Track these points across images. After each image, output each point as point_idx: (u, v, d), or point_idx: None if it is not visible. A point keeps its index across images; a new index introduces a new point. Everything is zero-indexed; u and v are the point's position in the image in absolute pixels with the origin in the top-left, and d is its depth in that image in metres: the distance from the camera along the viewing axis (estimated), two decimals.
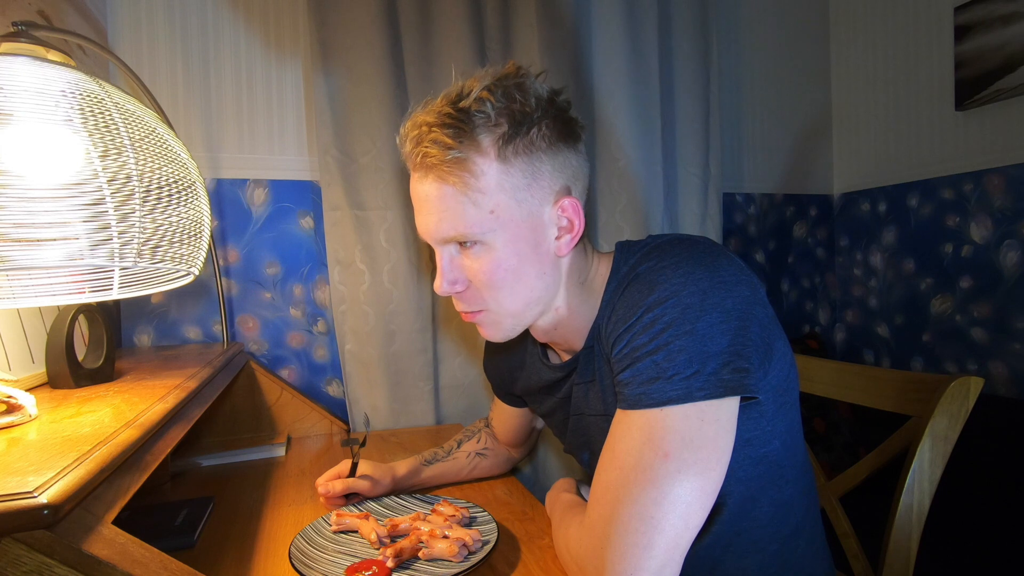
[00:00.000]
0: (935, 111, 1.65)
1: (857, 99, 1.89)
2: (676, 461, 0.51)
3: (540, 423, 1.01)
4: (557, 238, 0.63)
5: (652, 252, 0.60)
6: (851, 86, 1.90)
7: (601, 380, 0.67)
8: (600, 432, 0.64)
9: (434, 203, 0.62)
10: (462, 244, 0.63)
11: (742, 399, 0.56)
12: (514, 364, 0.86)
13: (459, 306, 0.67)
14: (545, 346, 0.79)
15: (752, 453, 0.63)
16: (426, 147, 0.59)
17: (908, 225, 1.75)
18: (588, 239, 0.70)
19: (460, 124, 0.59)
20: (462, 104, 0.60)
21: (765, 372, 0.58)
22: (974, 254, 1.58)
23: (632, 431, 0.54)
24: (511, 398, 0.94)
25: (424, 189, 0.62)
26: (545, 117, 0.61)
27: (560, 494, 0.76)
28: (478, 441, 1.01)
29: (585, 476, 0.84)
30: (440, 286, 0.64)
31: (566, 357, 0.75)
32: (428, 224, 0.63)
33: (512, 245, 0.61)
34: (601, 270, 0.68)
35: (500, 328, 0.67)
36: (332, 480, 0.88)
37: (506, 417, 0.98)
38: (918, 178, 1.71)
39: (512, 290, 0.63)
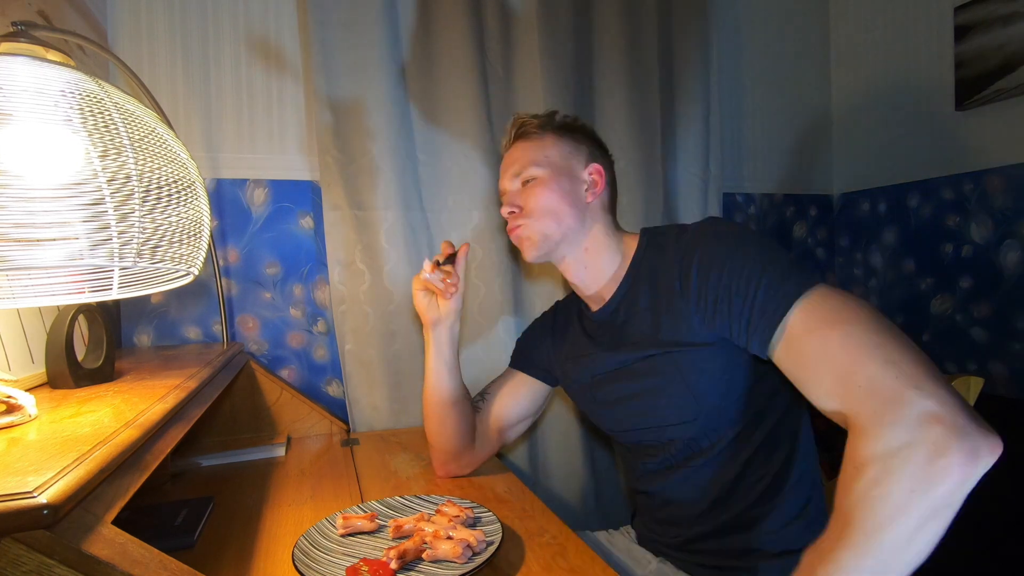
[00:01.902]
0: (935, 111, 1.65)
1: (858, 99, 1.89)
2: (840, 302, 0.62)
3: (522, 428, 1.05)
4: (586, 190, 0.89)
5: (704, 223, 0.79)
6: (851, 86, 1.90)
7: (658, 315, 0.79)
8: (656, 369, 0.79)
9: (517, 155, 0.91)
10: (524, 181, 0.89)
11: None
12: (556, 331, 1.02)
13: (510, 222, 0.90)
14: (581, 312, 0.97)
15: (781, 379, 0.68)
16: (526, 123, 0.93)
17: (908, 225, 1.75)
18: (611, 210, 0.93)
19: (541, 118, 0.94)
20: (544, 112, 0.95)
21: None
22: (974, 254, 1.58)
23: (808, 319, 0.63)
24: (531, 368, 1.03)
25: (515, 148, 0.93)
26: (584, 131, 0.95)
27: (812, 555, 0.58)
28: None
29: (599, 472, 0.88)
30: (504, 209, 0.90)
31: (596, 308, 0.91)
32: (511, 168, 0.91)
33: (555, 181, 0.87)
34: (628, 241, 0.89)
35: (534, 239, 0.87)
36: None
37: (509, 386, 1.03)
38: (918, 178, 1.71)
39: (549, 209, 0.86)
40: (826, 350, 0.59)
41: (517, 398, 1.02)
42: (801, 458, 0.79)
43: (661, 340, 0.78)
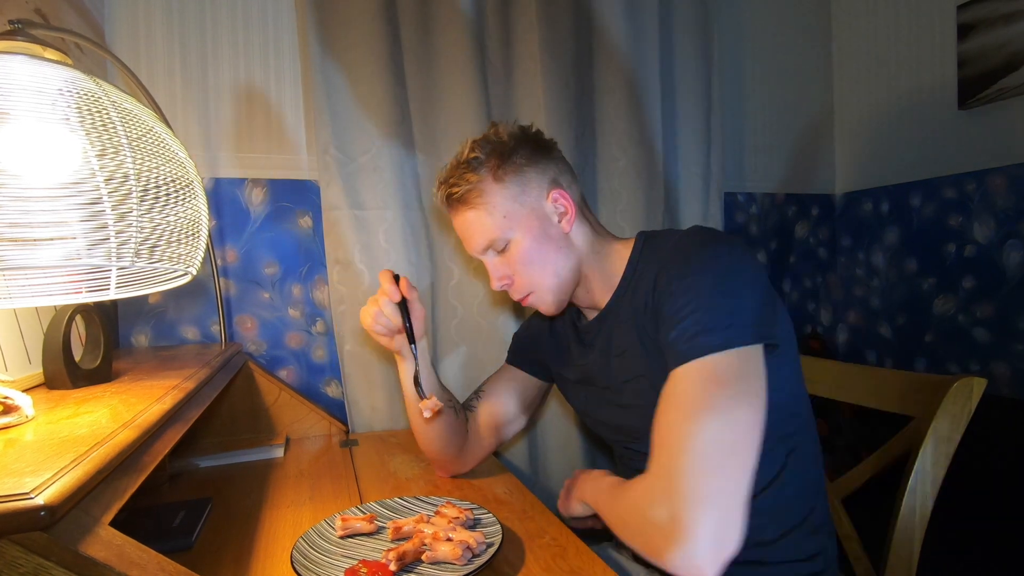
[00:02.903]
0: (937, 110, 1.65)
1: (859, 98, 1.89)
2: (730, 388, 0.61)
3: (518, 425, 1.03)
4: (559, 221, 0.83)
5: (683, 238, 0.75)
6: (853, 85, 1.90)
7: (644, 345, 0.77)
8: (642, 393, 0.76)
9: (469, 225, 0.84)
10: (498, 250, 0.83)
11: (767, 345, 0.66)
12: (553, 332, 0.99)
13: (513, 296, 0.86)
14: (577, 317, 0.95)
15: (769, 400, 0.70)
16: (452, 190, 0.84)
17: (910, 225, 1.75)
18: (590, 222, 0.87)
19: (466, 170, 0.83)
20: (463, 158, 0.84)
21: (776, 322, 0.69)
22: (977, 254, 1.58)
23: (688, 377, 0.63)
24: (528, 364, 1.02)
25: (460, 219, 0.85)
26: (519, 144, 0.83)
27: (600, 480, 0.79)
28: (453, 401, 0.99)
29: (611, 459, 0.89)
30: (495, 284, 0.85)
31: (592, 316, 0.90)
32: (471, 242, 0.85)
33: (529, 234, 0.81)
34: (620, 249, 0.85)
35: (548, 302, 0.85)
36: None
37: (506, 382, 1.02)
38: (920, 178, 1.71)
39: (543, 268, 0.82)
40: (673, 418, 0.62)
41: (513, 394, 1.02)
42: (802, 469, 0.77)
43: (641, 359, 0.77)
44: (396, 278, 0.87)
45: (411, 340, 0.87)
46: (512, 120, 0.91)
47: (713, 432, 0.58)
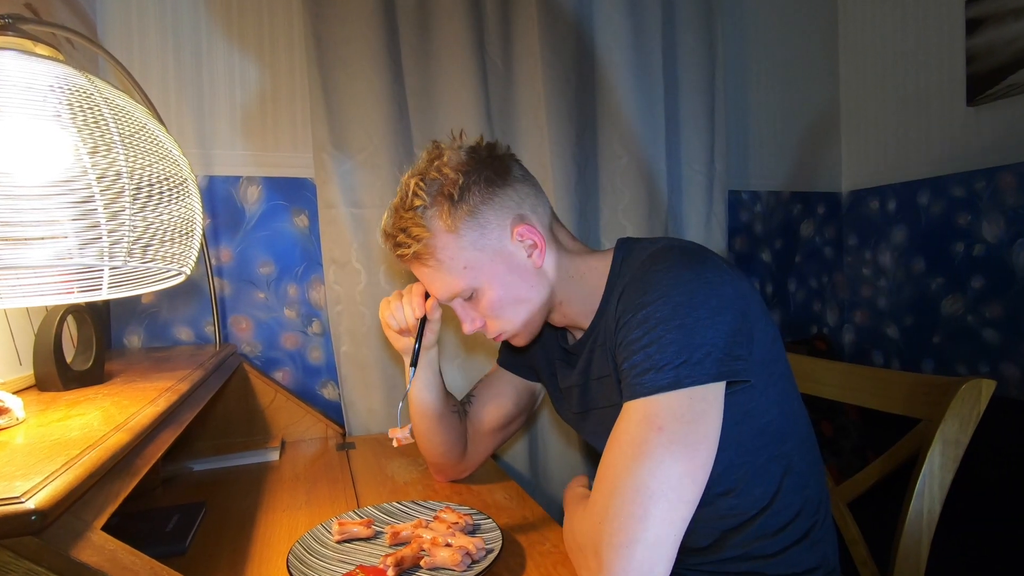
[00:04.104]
0: (946, 106, 1.65)
1: (866, 94, 1.89)
2: (668, 433, 0.58)
3: (514, 428, 1.03)
4: (529, 256, 0.77)
5: (649, 259, 0.70)
6: (860, 80, 1.91)
7: (615, 373, 0.73)
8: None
9: (427, 279, 0.78)
10: (465, 298, 0.78)
11: (733, 382, 0.64)
12: (543, 344, 0.95)
13: (487, 335, 0.81)
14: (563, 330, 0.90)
15: (754, 424, 0.70)
16: (400, 251, 0.76)
17: (918, 224, 1.75)
18: (562, 243, 0.81)
19: (412, 223, 0.74)
20: (406, 204, 0.75)
21: (749, 353, 0.65)
22: (986, 253, 1.58)
23: (630, 415, 0.61)
24: (518, 368, 0.99)
25: (417, 272, 0.79)
26: (470, 178, 0.74)
27: (574, 488, 0.79)
28: (457, 404, 1.00)
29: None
30: (466, 329, 0.80)
31: (578, 336, 0.86)
32: (434, 292, 0.80)
33: (496, 280, 0.76)
34: (599, 265, 0.79)
35: (523, 337, 0.82)
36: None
37: (498, 388, 1.00)
38: (928, 175, 1.71)
39: (515, 310, 0.78)
40: (613, 456, 0.61)
41: (506, 399, 1.00)
42: (800, 487, 0.75)
43: (616, 386, 0.73)
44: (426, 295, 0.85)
45: (413, 362, 0.86)
46: (500, 132, 0.81)
47: (642, 478, 0.57)
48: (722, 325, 0.62)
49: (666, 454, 0.58)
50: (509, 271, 0.76)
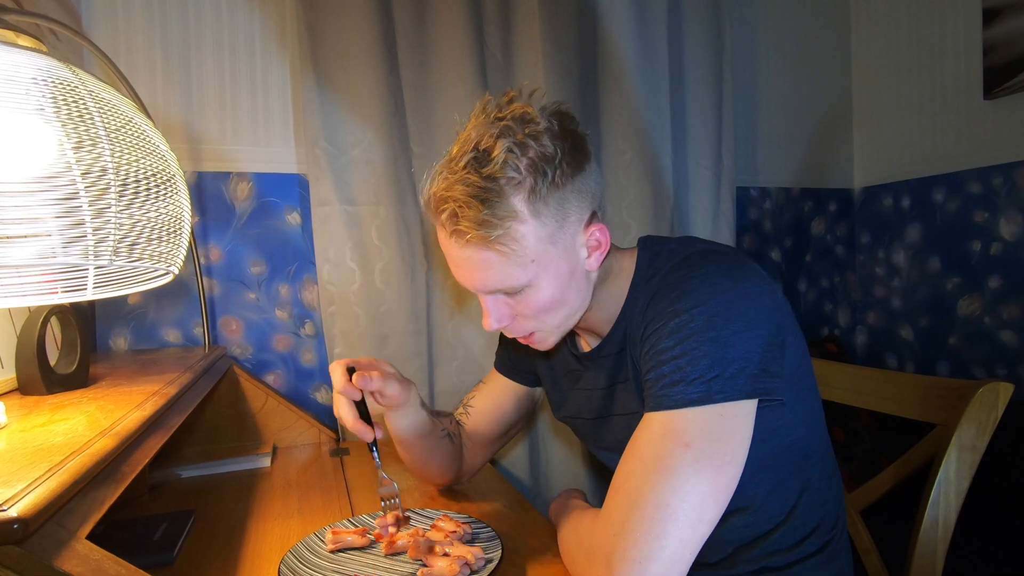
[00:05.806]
0: (962, 100, 1.65)
1: (879, 87, 1.89)
2: (695, 451, 0.58)
3: (512, 435, 1.02)
4: (588, 256, 0.70)
5: (683, 263, 0.68)
6: (873, 73, 1.91)
7: (636, 380, 0.73)
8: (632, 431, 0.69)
9: (477, 265, 0.66)
10: (510, 294, 0.69)
11: (764, 400, 0.62)
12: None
13: (509, 334, 0.74)
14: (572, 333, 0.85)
15: (780, 442, 0.70)
16: (464, 227, 0.63)
17: (933, 221, 1.75)
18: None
19: (492, 196, 0.62)
20: (487, 171, 0.62)
21: (781, 369, 0.64)
22: (1004, 252, 1.58)
23: (654, 427, 0.61)
24: (518, 374, 0.96)
25: (465, 254, 0.66)
26: (563, 154, 0.64)
27: (570, 500, 0.79)
28: (450, 422, 0.97)
29: (604, 483, 0.86)
30: (490, 325, 0.71)
31: (591, 345, 0.82)
32: (473, 281, 0.69)
33: (555, 280, 0.68)
34: (625, 265, 0.76)
35: (550, 341, 0.75)
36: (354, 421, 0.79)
37: (496, 396, 0.97)
38: (944, 171, 1.71)
39: (557, 312, 0.71)
40: (632, 467, 0.60)
41: (506, 407, 0.98)
42: (818, 504, 0.75)
43: (635, 393, 0.73)
44: (351, 370, 0.77)
45: (372, 446, 0.80)
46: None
47: (664, 495, 0.57)
48: (758, 339, 0.61)
49: (691, 472, 0.57)
50: (570, 272, 0.68)
